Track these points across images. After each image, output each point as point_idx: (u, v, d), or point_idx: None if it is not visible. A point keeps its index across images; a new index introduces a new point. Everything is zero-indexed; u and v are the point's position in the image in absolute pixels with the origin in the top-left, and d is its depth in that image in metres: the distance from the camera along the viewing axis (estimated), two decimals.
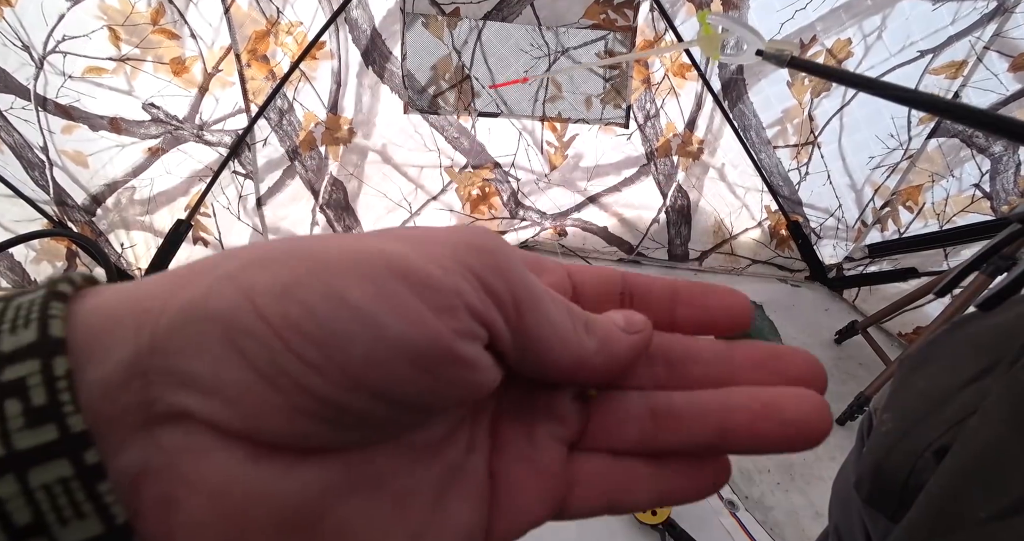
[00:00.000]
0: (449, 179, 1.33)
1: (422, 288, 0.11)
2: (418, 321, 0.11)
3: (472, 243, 0.12)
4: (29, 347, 0.10)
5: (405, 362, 0.11)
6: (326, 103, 1.17)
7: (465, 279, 0.12)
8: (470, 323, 0.12)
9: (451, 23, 1.15)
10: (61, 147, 1.05)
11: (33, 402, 0.09)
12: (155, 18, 1.00)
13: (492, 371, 0.12)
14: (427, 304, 0.11)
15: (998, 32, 0.96)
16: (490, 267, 0.12)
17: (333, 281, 0.11)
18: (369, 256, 0.11)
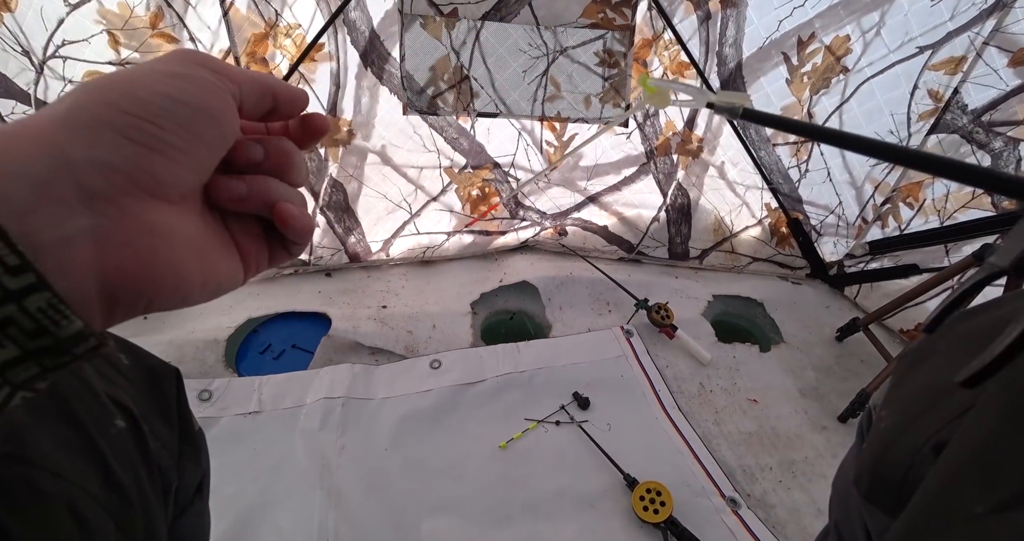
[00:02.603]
0: (449, 180, 1.33)
1: (198, 83, 0.21)
2: (201, 94, 0.21)
3: (202, 56, 0.23)
4: None
5: (206, 114, 0.21)
6: (325, 105, 1.18)
7: (215, 76, 0.22)
8: (227, 97, 0.22)
9: (449, 24, 1.15)
10: None
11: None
12: (154, 22, 1.00)
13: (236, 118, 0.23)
14: (207, 92, 0.22)
15: (997, 27, 0.96)
16: (219, 68, 0.23)
17: (151, 85, 0.20)
18: (159, 72, 0.21)
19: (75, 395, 0.33)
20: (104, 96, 0.19)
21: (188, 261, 0.21)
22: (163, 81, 0.21)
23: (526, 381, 1.08)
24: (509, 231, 1.43)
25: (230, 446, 0.92)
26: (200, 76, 0.22)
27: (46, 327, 0.16)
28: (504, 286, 1.31)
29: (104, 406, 0.34)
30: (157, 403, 0.40)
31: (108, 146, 0.18)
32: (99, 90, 0.19)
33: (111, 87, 0.19)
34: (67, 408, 0.31)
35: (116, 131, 0.18)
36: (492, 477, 0.91)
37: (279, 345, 1.15)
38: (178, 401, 0.42)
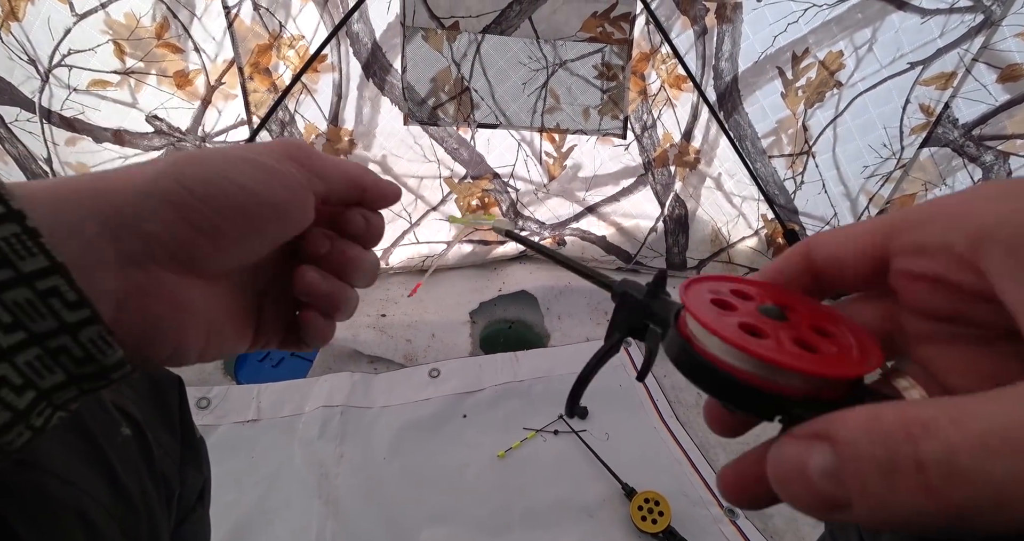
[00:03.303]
0: (449, 190, 1.35)
1: (277, 177, 0.22)
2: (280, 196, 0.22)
3: (293, 145, 0.24)
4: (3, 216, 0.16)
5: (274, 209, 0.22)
6: (327, 115, 1.19)
7: (298, 168, 0.23)
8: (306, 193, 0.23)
9: (450, 36, 1.17)
10: (64, 159, 1.06)
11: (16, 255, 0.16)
12: (160, 32, 1.01)
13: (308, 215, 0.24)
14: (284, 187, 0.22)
15: (986, 44, 0.99)
16: (307, 158, 0.23)
17: (228, 173, 0.21)
18: (245, 161, 0.21)
19: (85, 405, 0.34)
20: (181, 172, 0.20)
21: (196, 335, 0.21)
22: (244, 171, 0.21)
23: (525, 390, 1.08)
24: (508, 241, 1.44)
25: (228, 454, 0.91)
26: (284, 171, 0.22)
27: (94, 356, 0.17)
28: (503, 295, 1.32)
29: (111, 415, 0.34)
30: (160, 411, 0.40)
31: (163, 222, 0.19)
32: (180, 165, 0.20)
33: (191, 164, 0.20)
34: (77, 417, 0.32)
35: (177, 210, 0.19)
36: (490, 486, 0.91)
37: (278, 353, 1.15)
38: (180, 409, 0.43)
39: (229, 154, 0.22)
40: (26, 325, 0.16)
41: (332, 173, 0.24)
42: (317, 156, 0.24)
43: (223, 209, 0.20)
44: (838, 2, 1.08)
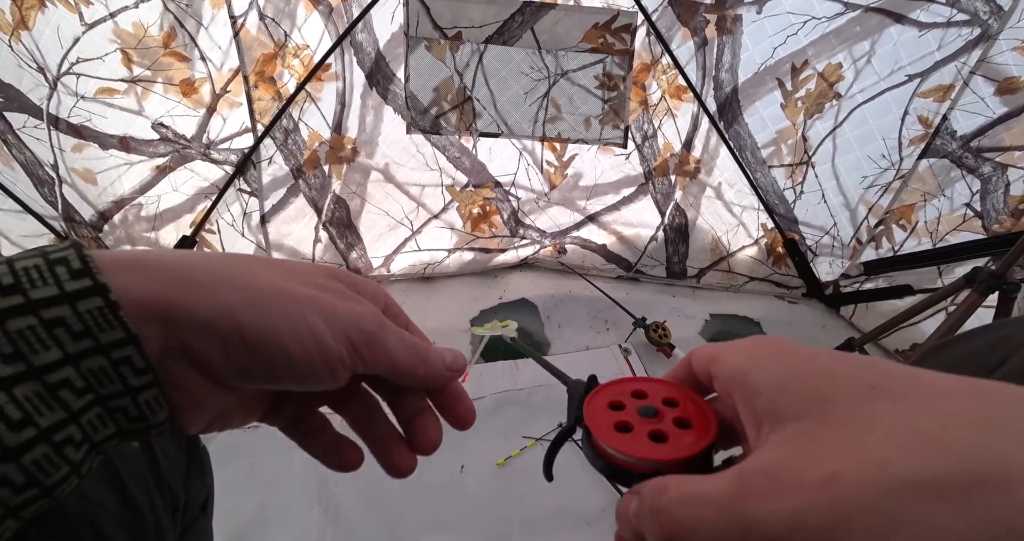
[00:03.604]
0: (450, 198, 1.36)
1: (325, 358, 0.21)
2: (319, 373, 0.22)
3: (359, 329, 0.22)
4: (90, 289, 0.18)
5: (305, 382, 0.22)
6: (330, 123, 1.20)
7: (349, 355, 0.22)
8: (344, 374, 0.22)
9: (453, 46, 1.19)
10: (71, 165, 1.07)
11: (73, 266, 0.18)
12: (167, 41, 1.03)
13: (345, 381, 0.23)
14: (327, 367, 0.21)
15: (983, 58, 1.00)
16: (365, 346, 0.22)
17: (283, 342, 0.21)
18: (307, 332, 0.21)
19: None
20: (243, 322, 0.20)
21: (203, 420, 0.22)
22: (301, 337, 0.21)
23: (524, 399, 1.08)
24: (509, 249, 1.44)
25: (229, 461, 0.92)
26: (336, 352, 0.21)
27: (145, 414, 0.20)
28: (503, 303, 1.32)
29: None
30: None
31: (208, 349, 0.20)
32: (243, 312, 0.20)
33: (255, 314, 0.20)
34: None
35: (224, 347, 0.20)
36: (490, 495, 0.90)
37: None
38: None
39: (296, 313, 0.21)
40: (96, 389, 0.18)
41: (378, 368, 0.23)
42: (376, 347, 0.23)
43: (264, 364, 0.20)
44: (837, 15, 1.10)
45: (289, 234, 1.28)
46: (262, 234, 1.26)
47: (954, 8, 1.01)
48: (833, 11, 1.10)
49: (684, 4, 1.17)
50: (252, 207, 1.23)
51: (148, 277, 0.19)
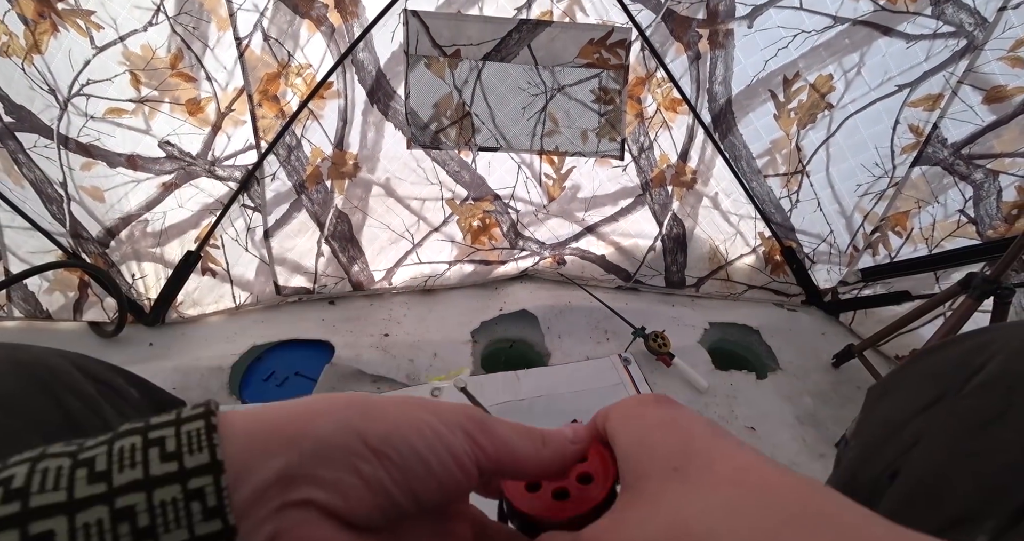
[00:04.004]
0: (450, 211, 1.38)
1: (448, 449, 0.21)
2: (448, 468, 0.21)
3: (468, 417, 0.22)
4: (206, 466, 0.17)
5: (438, 485, 0.21)
6: (332, 139, 1.23)
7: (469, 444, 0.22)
8: (472, 467, 0.22)
9: (452, 64, 1.22)
10: (79, 183, 1.10)
11: (208, 504, 0.17)
12: (174, 63, 1.06)
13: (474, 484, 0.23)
14: (454, 459, 0.21)
15: (970, 68, 1.02)
16: (480, 433, 0.22)
17: (406, 436, 0.20)
18: (424, 425, 0.21)
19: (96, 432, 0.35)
20: (363, 429, 0.20)
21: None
22: (424, 434, 0.21)
23: (525, 409, 1.08)
24: (509, 261, 1.46)
25: None
26: (459, 447, 0.21)
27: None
28: (504, 315, 1.33)
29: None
30: None
31: (336, 470, 0.19)
32: (360, 421, 0.20)
33: (372, 420, 0.20)
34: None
35: (350, 461, 0.19)
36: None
37: (283, 372, 1.16)
38: None
39: (409, 412, 0.21)
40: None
41: (501, 456, 0.23)
42: (491, 434, 0.23)
43: (394, 469, 0.20)
44: (826, 28, 1.12)
45: (292, 248, 1.30)
46: (265, 249, 1.28)
47: (940, 20, 1.03)
48: (822, 25, 1.12)
49: (677, 19, 1.20)
50: (256, 222, 1.25)
51: (268, 440, 0.19)
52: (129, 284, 1.20)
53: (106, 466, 0.17)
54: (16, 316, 1.16)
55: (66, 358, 0.39)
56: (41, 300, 1.16)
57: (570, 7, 1.20)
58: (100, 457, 0.17)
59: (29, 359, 0.36)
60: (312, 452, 0.19)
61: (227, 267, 1.27)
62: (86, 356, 0.41)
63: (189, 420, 0.18)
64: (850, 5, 1.09)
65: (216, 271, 1.27)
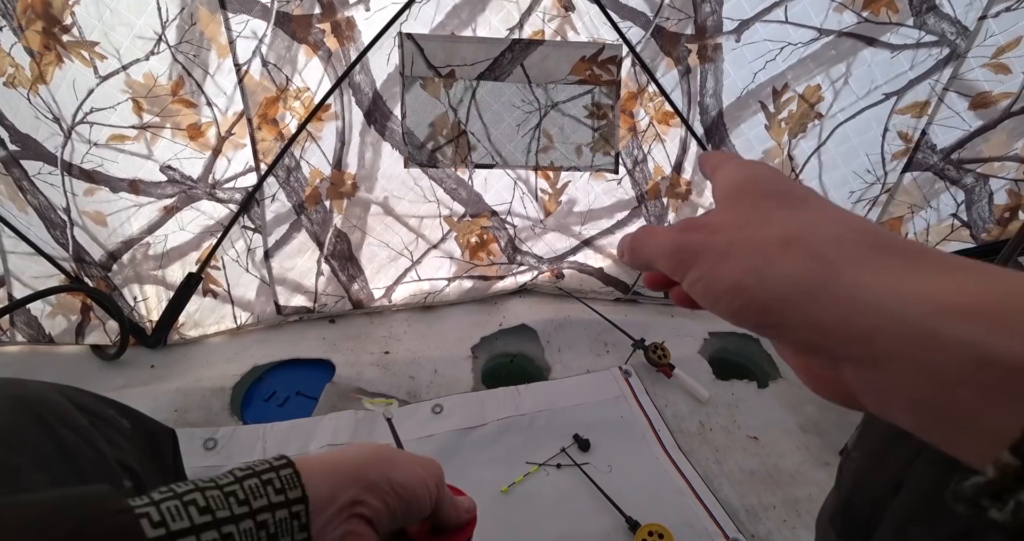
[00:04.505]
0: (448, 228, 1.39)
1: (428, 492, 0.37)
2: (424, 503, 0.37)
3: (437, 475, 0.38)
4: (300, 499, 0.30)
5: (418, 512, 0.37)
6: (331, 160, 1.25)
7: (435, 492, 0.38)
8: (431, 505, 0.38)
9: (447, 84, 1.24)
10: (83, 208, 1.12)
11: (302, 521, 0.30)
12: (175, 89, 1.09)
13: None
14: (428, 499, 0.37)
15: (955, 75, 1.04)
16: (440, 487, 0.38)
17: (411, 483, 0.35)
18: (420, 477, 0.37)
19: (89, 462, 0.37)
20: (389, 477, 0.34)
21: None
22: (421, 480, 0.36)
23: (527, 424, 1.08)
24: (507, 276, 1.47)
25: None
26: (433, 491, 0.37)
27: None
28: (504, 330, 1.34)
29: (112, 469, 0.38)
30: (156, 462, 0.44)
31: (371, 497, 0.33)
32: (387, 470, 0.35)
33: (395, 470, 0.35)
34: (81, 475, 0.35)
35: (382, 495, 0.34)
36: (494, 522, 0.90)
37: (284, 392, 1.16)
38: (174, 459, 0.46)
39: (413, 468, 0.36)
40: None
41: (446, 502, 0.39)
42: (443, 489, 0.39)
43: (403, 501, 0.35)
44: (812, 41, 1.15)
45: (292, 268, 1.31)
46: (266, 269, 1.29)
47: (922, 30, 1.05)
48: (808, 37, 1.15)
49: (666, 35, 1.23)
50: (256, 243, 1.26)
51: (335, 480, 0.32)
52: (131, 307, 1.21)
53: (244, 496, 0.28)
54: (19, 341, 1.17)
55: (61, 393, 0.40)
56: (44, 324, 1.17)
57: (561, 26, 1.23)
58: (239, 490, 0.28)
59: (25, 394, 0.38)
60: (365, 488, 0.33)
61: (228, 288, 1.28)
62: (80, 390, 0.43)
63: (282, 468, 0.31)
64: (834, 17, 1.12)
65: (217, 292, 1.28)
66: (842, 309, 0.18)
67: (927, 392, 0.17)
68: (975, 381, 0.16)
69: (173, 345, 1.26)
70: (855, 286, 0.18)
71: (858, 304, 0.18)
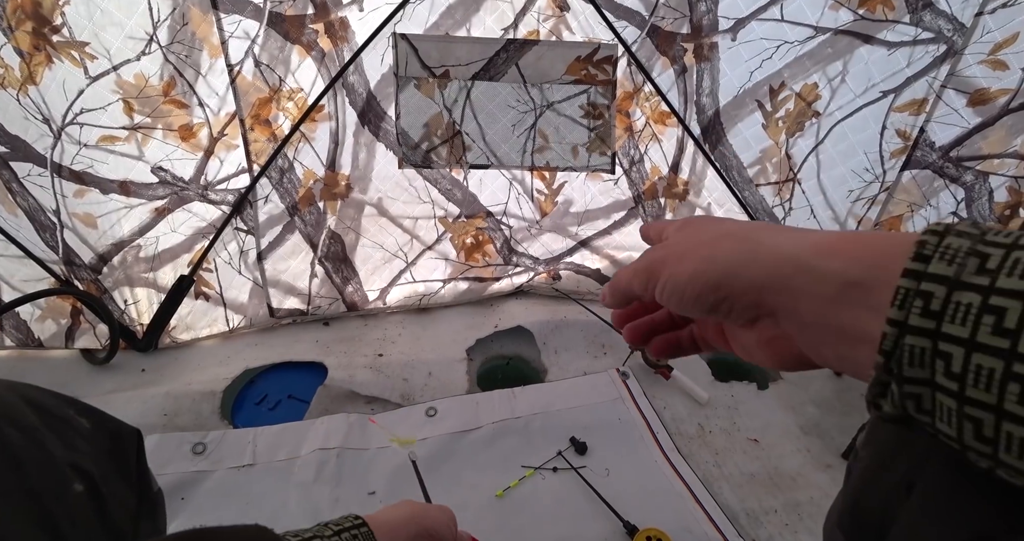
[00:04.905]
0: (443, 229, 1.38)
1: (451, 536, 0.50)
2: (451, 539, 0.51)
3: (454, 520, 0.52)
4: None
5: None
6: (324, 161, 1.24)
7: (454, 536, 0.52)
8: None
9: (441, 84, 1.24)
10: (72, 210, 1.11)
11: None
12: (167, 90, 1.08)
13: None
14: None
15: (952, 72, 1.03)
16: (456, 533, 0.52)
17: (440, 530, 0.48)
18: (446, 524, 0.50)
19: (35, 465, 0.35)
20: (425, 527, 0.45)
21: None
22: (446, 525, 0.48)
23: (522, 427, 1.06)
24: (503, 277, 1.45)
25: (223, 500, 0.90)
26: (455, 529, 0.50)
27: None
28: (499, 331, 1.32)
29: (62, 473, 0.36)
30: (117, 463, 0.42)
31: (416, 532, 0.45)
32: (423, 520, 0.46)
33: (428, 518, 0.47)
34: (24, 480, 0.34)
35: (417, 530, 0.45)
36: (489, 527, 0.88)
37: (275, 395, 1.14)
38: (138, 462, 0.45)
39: (441, 517, 0.49)
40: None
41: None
42: (457, 529, 0.51)
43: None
44: (808, 39, 1.14)
45: (286, 270, 1.30)
46: (259, 271, 1.28)
47: (919, 27, 1.04)
48: (804, 35, 1.14)
49: (662, 35, 1.22)
50: (249, 245, 1.25)
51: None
52: (122, 310, 1.20)
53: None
54: (7, 345, 1.16)
55: (14, 390, 0.39)
56: (33, 328, 1.16)
57: (556, 26, 1.22)
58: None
59: None
60: (414, 536, 0.44)
61: (220, 290, 1.27)
62: (40, 389, 0.42)
63: (360, 526, 0.41)
64: (831, 15, 1.11)
65: (209, 295, 1.26)
66: (768, 263, 0.26)
67: (821, 315, 0.24)
68: (846, 298, 0.22)
69: (164, 349, 1.25)
70: (771, 246, 0.26)
71: (776, 257, 0.25)
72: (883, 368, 0.21)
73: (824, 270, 0.23)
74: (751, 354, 0.31)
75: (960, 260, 0.19)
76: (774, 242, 0.26)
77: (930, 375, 0.20)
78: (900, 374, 0.20)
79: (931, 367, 0.19)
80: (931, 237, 0.20)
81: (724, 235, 0.28)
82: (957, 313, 0.19)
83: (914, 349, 0.20)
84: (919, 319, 0.19)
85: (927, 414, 0.21)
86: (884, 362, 0.20)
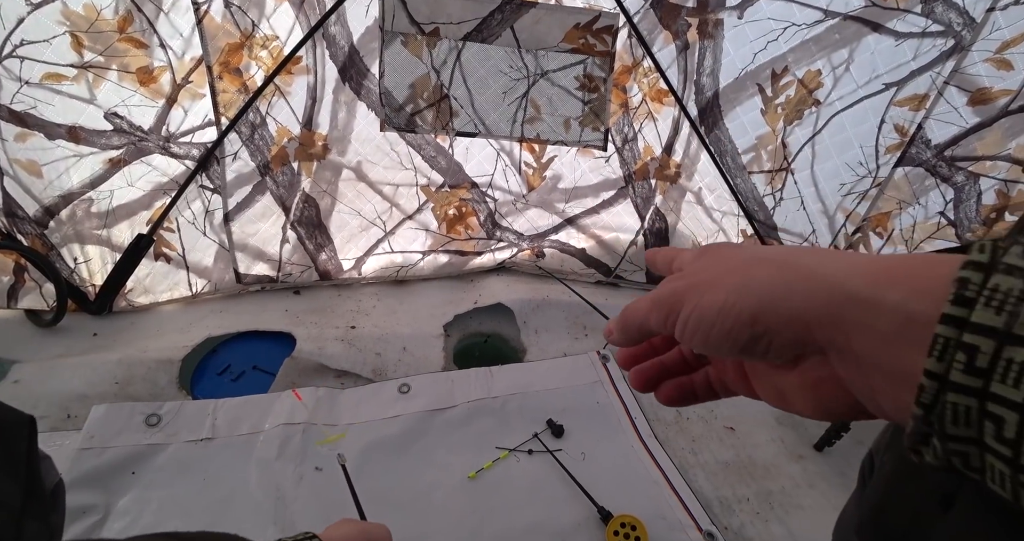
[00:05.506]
0: (425, 198, 1.31)
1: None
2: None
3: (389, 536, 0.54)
4: None
5: None
6: (300, 118, 1.15)
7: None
8: None
9: (430, 43, 1.15)
10: (13, 155, 1.00)
11: None
12: (122, 26, 0.97)
13: None
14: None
15: (956, 68, 1.01)
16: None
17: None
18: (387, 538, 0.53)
19: None
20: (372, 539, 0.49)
21: None
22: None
23: (498, 407, 1.04)
24: (485, 252, 1.41)
25: (177, 476, 0.85)
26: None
27: None
28: (479, 308, 1.28)
29: None
30: (2, 457, 0.37)
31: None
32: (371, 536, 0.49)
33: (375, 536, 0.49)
34: None
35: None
36: (461, 509, 0.86)
37: (239, 366, 1.09)
38: (28, 454, 0.39)
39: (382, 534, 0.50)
40: None
41: None
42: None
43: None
44: (816, 22, 1.10)
45: (255, 234, 1.22)
46: (225, 233, 1.19)
47: (929, 18, 1.01)
48: (813, 18, 1.10)
49: (666, 7, 1.16)
50: (215, 205, 1.16)
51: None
52: (71, 269, 1.10)
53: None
54: None
55: None
56: None
57: None
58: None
59: None
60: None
61: (183, 252, 1.18)
62: None
63: (311, 539, 0.40)
64: None
65: (171, 257, 1.18)
66: (814, 292, 0.22)
67: (876, 355, 0.20)
68: (906, 336, 0.19)
69: (120, 312, 1.16)
70: (815, 272, 0.22)
71: (823, 284, 0.21)
72: (923, 421, 0.18)
73: (881, 302, 0.20)
74: (786, 400, 0.26)
75: (1011, 307, 0.16)
76: (819, 267, 0.22)
77: (978, 434, 0.17)
78: (943, 431, 0.18)
79: (978, 427, 0.17)
80: (974, 274, 0.17)
81: (757, 260, 0.24)
82: (1009, 373, 0.16)
83: (958, 407, 0.17)
84: (963, 376, 0.17)
85: (976, 472, 0.18)
86: (923, 415, 0.18)
